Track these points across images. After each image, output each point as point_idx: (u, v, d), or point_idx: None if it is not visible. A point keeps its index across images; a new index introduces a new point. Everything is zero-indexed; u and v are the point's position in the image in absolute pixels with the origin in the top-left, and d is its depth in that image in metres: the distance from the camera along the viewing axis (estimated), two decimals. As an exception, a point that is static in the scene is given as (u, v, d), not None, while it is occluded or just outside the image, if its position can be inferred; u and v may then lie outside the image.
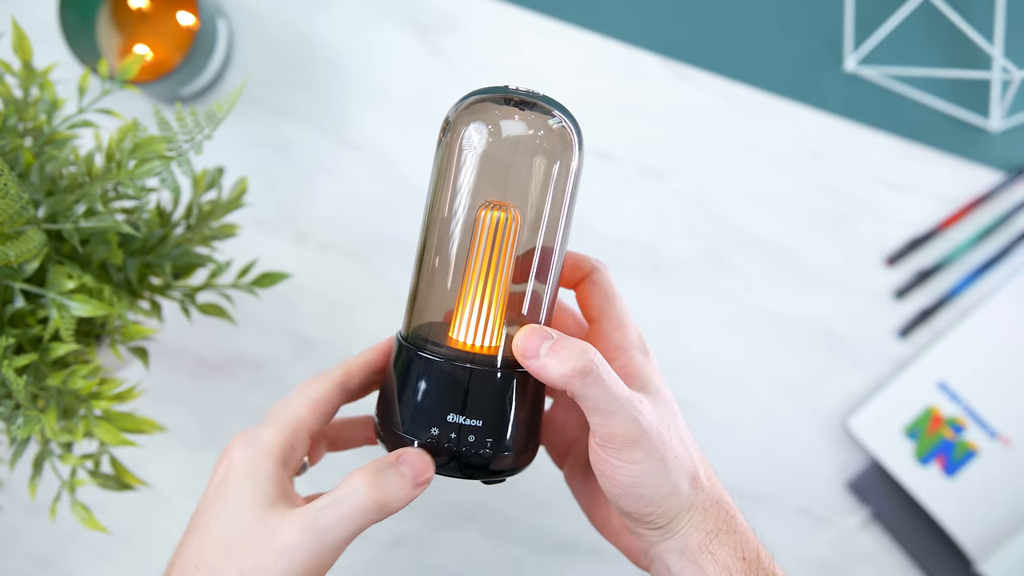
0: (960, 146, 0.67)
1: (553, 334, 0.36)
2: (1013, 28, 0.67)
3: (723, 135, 0.67)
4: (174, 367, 0.66)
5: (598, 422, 0.35)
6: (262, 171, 0.67)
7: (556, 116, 0.38)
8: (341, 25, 0.68)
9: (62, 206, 0.44)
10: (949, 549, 0.62)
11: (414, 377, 0.37)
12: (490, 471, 0.37)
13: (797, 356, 0.66)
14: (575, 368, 0.34)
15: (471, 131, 0.37)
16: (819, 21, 0.68)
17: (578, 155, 0.38)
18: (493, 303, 0.37)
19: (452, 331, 0.38)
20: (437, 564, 0.64)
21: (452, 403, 0.36)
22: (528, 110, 0.38)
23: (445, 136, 0.39)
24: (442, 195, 0.39)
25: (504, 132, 0.38)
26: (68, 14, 0.61)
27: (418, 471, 0.35)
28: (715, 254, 0.66)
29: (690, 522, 0.37)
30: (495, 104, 0.38)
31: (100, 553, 0.65)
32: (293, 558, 0.34)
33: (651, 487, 0.36)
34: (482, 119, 0.38)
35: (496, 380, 0.37)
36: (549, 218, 0.38)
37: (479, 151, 0.37)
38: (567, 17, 0.68)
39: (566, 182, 0.38)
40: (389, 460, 0.36)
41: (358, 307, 0.66)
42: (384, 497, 0.34)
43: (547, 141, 0.38)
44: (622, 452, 0.35)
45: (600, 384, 0.35)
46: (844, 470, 0.65)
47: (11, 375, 0.40)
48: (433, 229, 0.39)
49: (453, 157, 0.38)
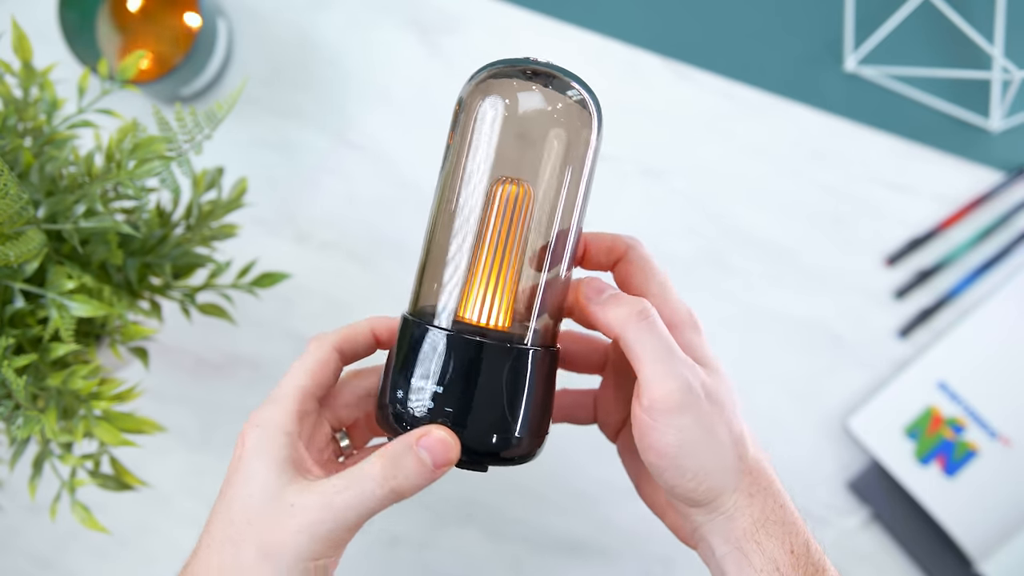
0: (960, 146, 0.67)
1: (613, 287, 0.36)
2: (1013, 28, 0.66)
3: (723, 135, 0.67)
4: (174, 367, 0.66)
5: (648, 376, 0.34)
6: (262, 171, 0.67)
7: (575, 89, 0.36)
8: (342, 25, 0.68)
9: (62, 206, 0.44)
10: (949, 549, 0.62)
11: (419, 351, 0.35)
12: (501, 458, 0.35)
13: (797, 356, 0.66)
14: (630, 311, 0.34)
15: (486, 104, 0.36)
16: (819, 21, 0.68)
17: (597, 131, 0.37)
18: (505, 280, 0.36)
19: (462, 308, 0.36)
20: (436, 563, 0.64)
21: (461, 379, 0.34)
22: (546, 83, 0.36)
23: (461, 108, 0.37)
24: (455, 169, 0.37)
25: (520, 106, 0.36)
26: (68, 14, 0.61)
27: (437, 454, 0.34)
28: (715, 254, 0.66)
29: (736, 505, 0.35)
30: (512, 76, 0.36)
31: (100, 553, 0.65)
32: (313, 534, 0.34)
33: (695, 458, 0.34)
34: (498, 92, 0.36)
35: (509, 354, 0.35)
36: (566, 197, 0.37)
37: (493, 124, 0.36)
38: (567, 17, 0.68)
39: (584, 159, 0.37)
40: (408, 442, 0.34)
41: (358, 307, 0.66)
42: (400, 486, 0.34)
43: (564, 116, 0.36)
44: (669, 416, 0.34)
45: (655, 332, 0.34)
46: (844, 470, 0.65)
47: (11, 375, 0.40)
48: (444, 206, 0.37)
49: (468, 130, 0.37)
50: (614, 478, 0.49)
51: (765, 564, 0.35)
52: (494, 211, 0.36)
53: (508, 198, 0.36)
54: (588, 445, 0.52)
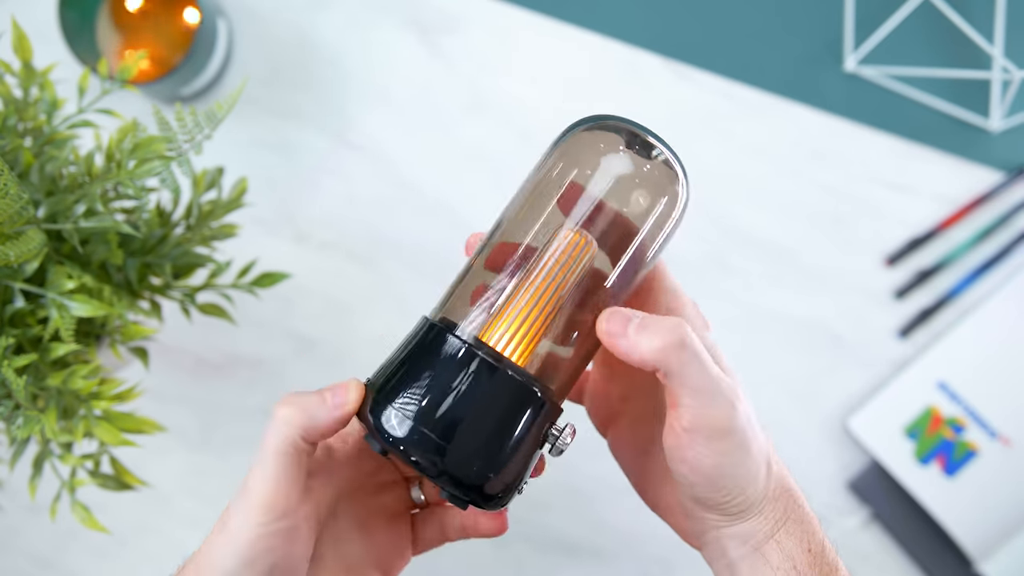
0: (960, 146, 0.67)
1: (638, 314, 0.33)
2: (1013, 28, 0.66)
3: (723, 135, 0.67)
4: (174, 367, 0.66)
5: (690, 404, 0.32)
6: (262, 171, 0.67)
7: (680, 181, 0.37)
8: (341, 25, 0.68)
9: (62, 206, 0.44)
10: (949, 549, 0.62)
11: (431, 357, 0.35)
12: (476, 489, 0.34)
13: (797, 356, 0.66)
14: (668, 341, 0.32)
15: (589, 158, 0.37)
16: (819, 21, 0.68)
17: (676, 222, 0.37)
18: (537, 319, 0.35)
19: (486, 332, 0.36)
20: (436, 564, 0.64)
21: (463, 397, 0.33)
22: (651, 159, 0.37)
23: (559, 148, 0.38)
24: (533, 203, 0.37)
25: (618, 171, 0.36)
26: (68, 14, 0.61)
27: (337, 390, 0.34)
28: (715, 254, 0.66)
29: (761, 511, 0.35)
30: (623, 140, 0.37)
31: (100, 553, 0.65)
32: (257, 493, 0.33)
33: (734, 478, 0.34)
34: (604, 153, 0.37)
35: (518, 389, 0.34)
36: (625, 267, 0.37)
37: (587, 180, 0.36)
38: (567, 17, 0.68)
39: (656, 238, 0.37)
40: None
41: (358, 307, 0.66)
42: (298, 418, 0.33)
43: (655, 199, 0.37)
44: (712, 441, 0.33)
45: (697, 361, 0.32)
46: (844, 470, 0.65)
47: (11, 375, 0.40)
48: (507, 231, 0.37)
49: (559, 173, 0.37)
50: (608, 475, 0.49)
51: (783, 562, 0.35)
52: (555, 254, 0.36)
53: (571, 246, 0.36)
54: (579, 440, 0.51)
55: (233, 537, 0.33)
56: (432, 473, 0.33)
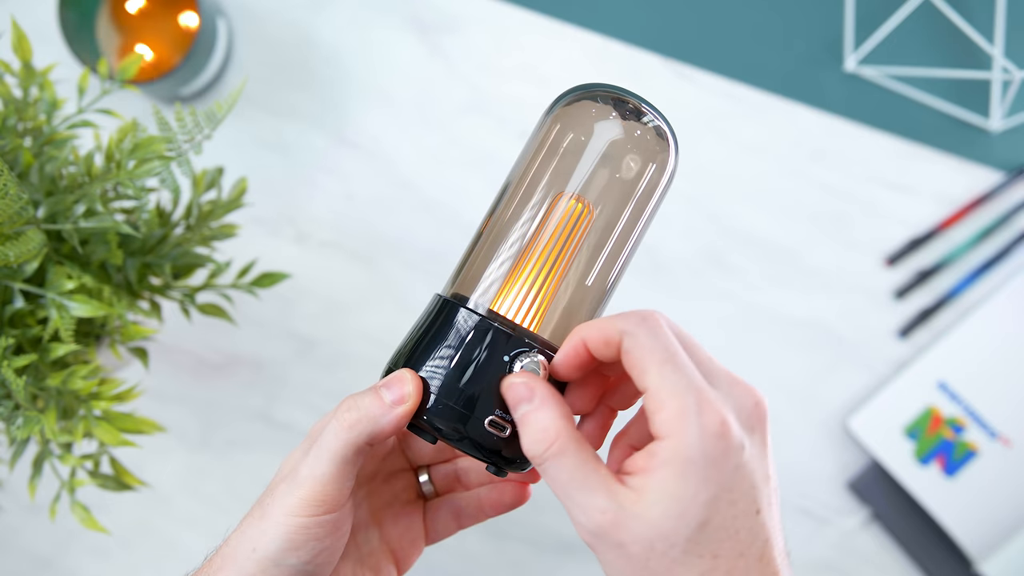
0: (960, 146, 0.67)
1: (537, 394, 0.32)
2: (1013, 28, 0.66)
3: (724, 135, 0.67)
4: (174, 367, 0.66)
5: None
6: (262, 171, 0.67)
7: (667, 140, 0.39)
8: (341, 25, 0.68)
9: (62, 206, 0.44)
10: (949, 549, 0.62)
11: (444, 329, 0.36)
12: (501, 456, 0.36)
13: (797, 356, 0.66)
14: (535, 453, 0.32)
15: (577, 123, 0.39)
16: (819, 21, 0.68)
17: (668, 178, 0.40)
18: (544, 285, 0.38)
19: (496, 303, 0.38)
20: (437, 564, 0.64)
21: (480, 366, 0.35)
22: (640, 122, 0.39)
23: (548, 118, 0.40)
24: (527, 173, 0.39)
25: (609, 136, 0.39)
26: (68, 14, 0.61)
27: (392, 386, 0.35)
28: (715, 254, 0.66)
29: None
30: (610, 105, 0.39)
31: (100, 553, 0.65)
32: (305, 488, 0.35)
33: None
34: (592, 117, 0.39)
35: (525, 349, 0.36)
36: (623, 227, 0.39)
37: (579, 145, 0.39)
38: (567, 17, 0.68)
39: (649, 198, 0.40)
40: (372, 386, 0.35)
41: (358, 307, 0.66)
42: (359, 422, 0.34)
43: (645, 157, 0.39)
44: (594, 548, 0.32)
45: (562, 469, 0.31)
46: (844, 470, 0.65)
47: (11, 375, 0.40)
48: (508, 203, 0.40)
49: (551, 141, 0.39)
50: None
51: None
52: (557, 221, 0.38)
53: (568, 212, 0.38)
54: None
55: (277, 523, 0.34)
56: (455, 438, 0.35)
